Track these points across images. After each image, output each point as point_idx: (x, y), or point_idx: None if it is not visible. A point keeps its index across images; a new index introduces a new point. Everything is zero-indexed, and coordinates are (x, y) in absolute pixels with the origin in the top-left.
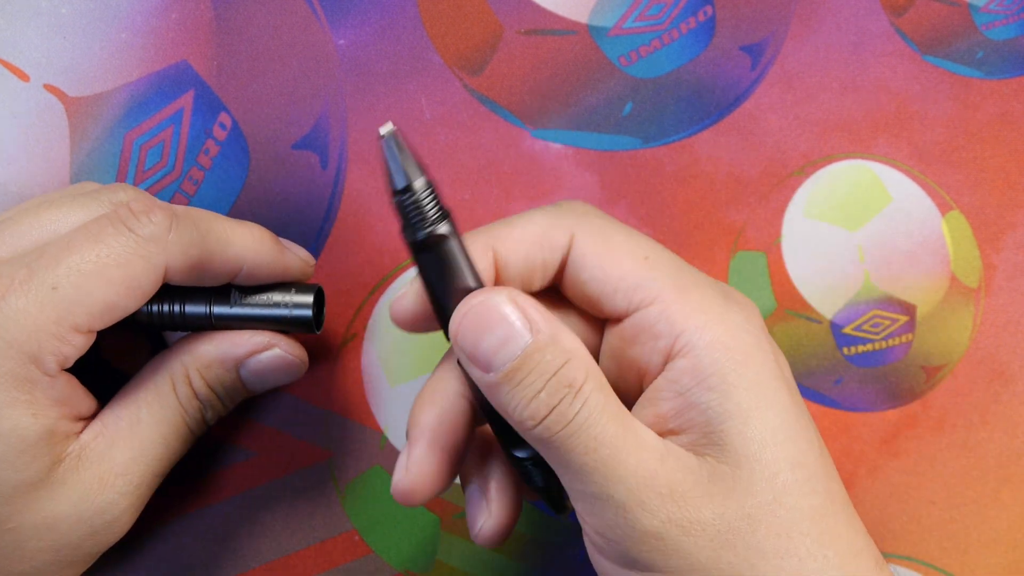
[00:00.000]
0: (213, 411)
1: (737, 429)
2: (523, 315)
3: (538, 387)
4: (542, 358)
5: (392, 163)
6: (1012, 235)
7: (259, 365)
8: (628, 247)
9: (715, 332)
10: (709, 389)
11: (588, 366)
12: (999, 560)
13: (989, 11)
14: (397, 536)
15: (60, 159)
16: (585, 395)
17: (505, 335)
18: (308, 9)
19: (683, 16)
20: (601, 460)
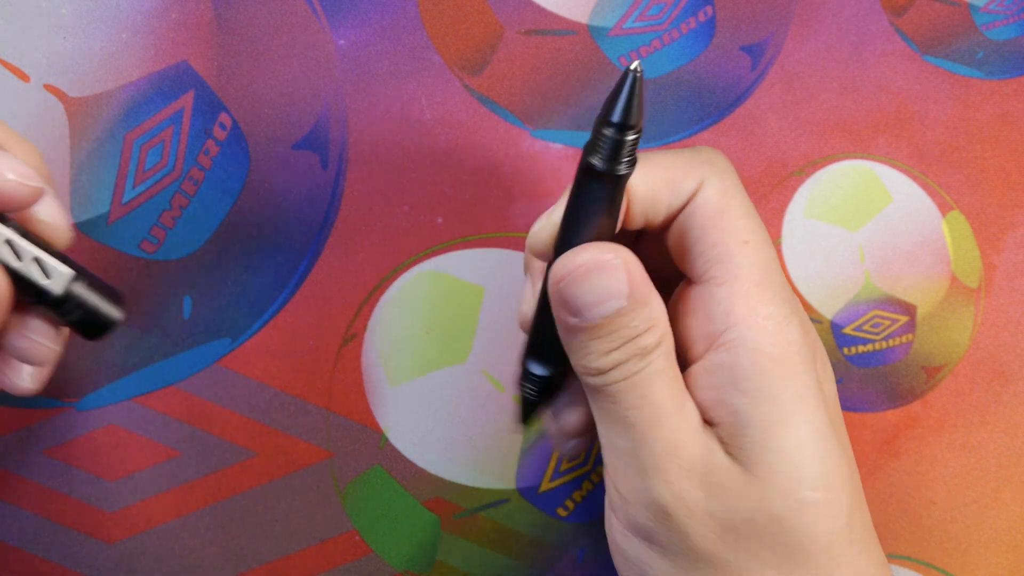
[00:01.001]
0: None
1: (760, 438)
2: (627, 277)
3: (615, 345)
4: (630, 322)
5: (627, 98)
6: (1012, 235)
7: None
8: (738, 222)
9: (765, 338)
10: (742, 392)
11: (664, 333)
12: (999, 560)
13: (989, 11)
14: (397, 536)
15: (60, 159)
16: (651, 359)
17: (605, 292)
18: (308, 9)
19: (683, 16)
20: (641, 419)
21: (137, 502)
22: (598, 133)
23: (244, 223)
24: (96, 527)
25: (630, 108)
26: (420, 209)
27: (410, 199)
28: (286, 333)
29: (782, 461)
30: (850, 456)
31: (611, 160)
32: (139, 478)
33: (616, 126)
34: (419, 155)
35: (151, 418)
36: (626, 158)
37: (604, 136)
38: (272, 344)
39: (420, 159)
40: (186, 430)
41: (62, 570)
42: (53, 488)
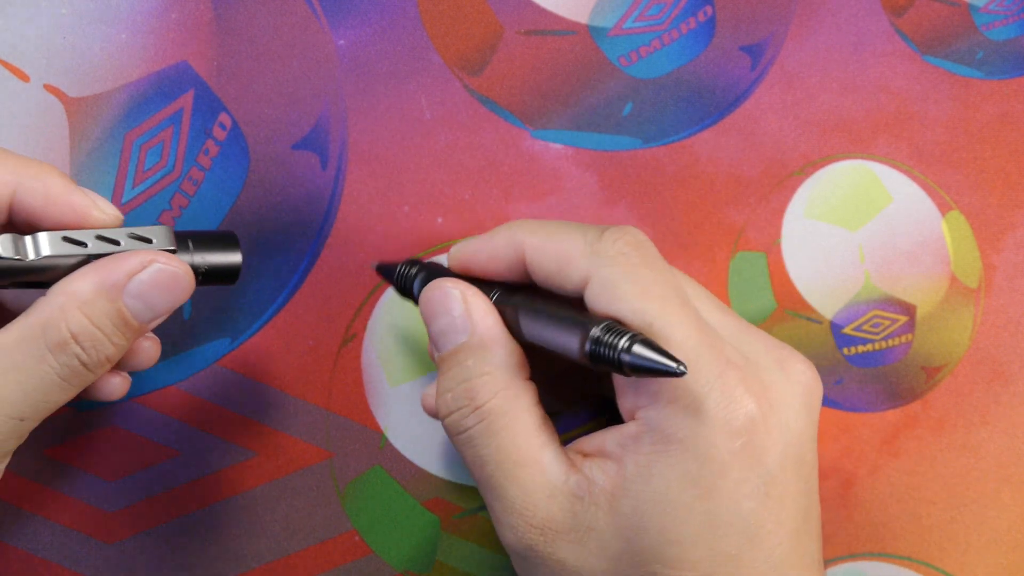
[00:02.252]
0: (98, 355)
1: (629, 509)
2: (468, 314)
3: (450, 386)
4: (464, 360)
5: (655, 368)
6: (1012, 235)
7: (141, 286)
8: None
9: (669, 421)
10: (634, 463)
11: (502, 388)
12: (999, 560)
13: (989, 11)
14: (397, 536)
15: (60, 159)
16: (482, 415)
17: (448, 325)
18: (308, 9)
19: (683, 16)
20: (486, 477)
21: (137, 502)
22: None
23: (244, 223)
24: (96, 527)
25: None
26: (420, 209)
27: (410, 199)
28: (286, 333)
29: (641, 536)
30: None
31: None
32: (139, 478)
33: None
34: (419, 155)
35: (151, 418)
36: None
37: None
38: (272, 344)
39: (420, 159)
40: (186, 430)
41: (62, 570)
42: (53, 488)
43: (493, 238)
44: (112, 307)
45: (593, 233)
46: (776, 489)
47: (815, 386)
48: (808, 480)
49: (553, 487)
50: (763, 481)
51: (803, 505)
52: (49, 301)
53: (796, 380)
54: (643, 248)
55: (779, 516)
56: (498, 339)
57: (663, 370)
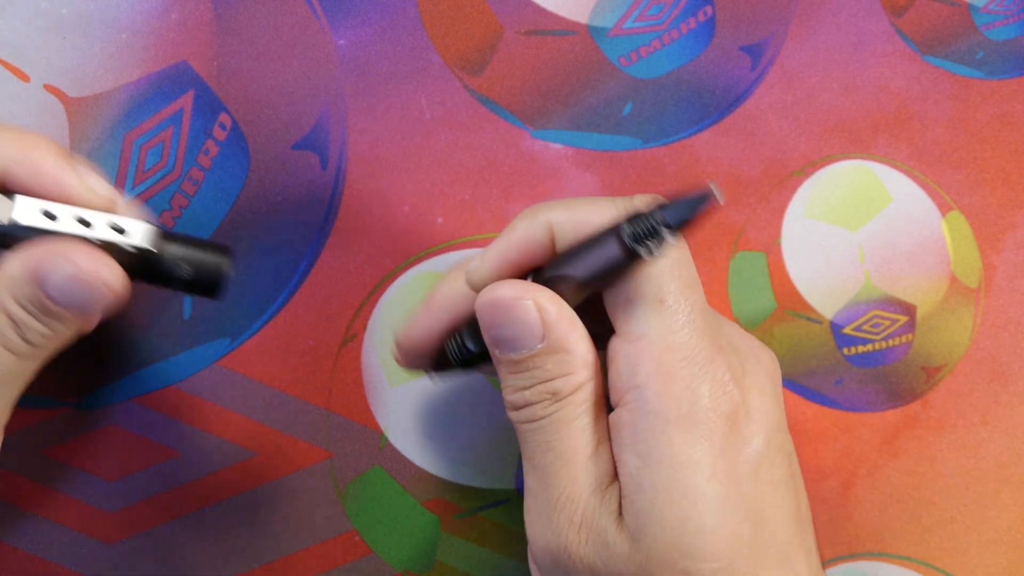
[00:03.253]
0: (34, 332)
1: (646, 506)
2: (543, 321)
3: (527, 384)
4: (543, 363)
5: (693, 207)
6: (1012, 235)
7: (59, 278)
8: (656, 279)
9: (665, 401)
10: (636, 455)
11: (582, 382)
12: (999, 560)
13: (989, 11)
14: (397, 536)
15: None
16: (562, 406)
17: (520, 333)
18: (308, 9)
19: (683, 16)
20: (545, 463)
21: (137, 502)
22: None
23: (244, 223)
24: (96, 527)
25: (685, 211)
26: (420, 209)
27: (410, 199)
28: (286, 333)
29: (665, 531)
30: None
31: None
32: (139, 478)
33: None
34: (419, 155)
35: (151, 418)
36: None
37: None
38: (272, 344)
39: (420, 159)
40: (186, 430)
41: (62, 570)
42: (53, 488)
43: (515, 232)
44: (35, 293)
45: (623, 200)
46: (765, 473)
47: (778, 376)
48: (791, 465)
49: (600, 484)
50: (753, 465)
51: (792, 489)
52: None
53: (766, 369)
54: None
55: (774, 499)
56: (575, 336)
57: (702, 203)
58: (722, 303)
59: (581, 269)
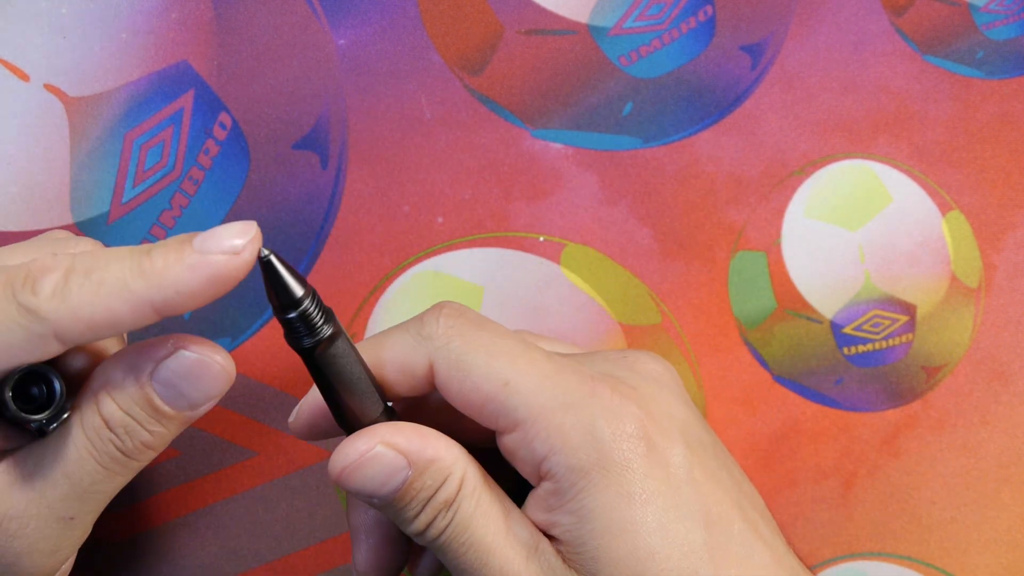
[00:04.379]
0: (133, 440)
1: (592, 553)
2: (400, 451)
3: (417, 510)
4: (421, 485)
5: (277, 282)
6: (1012, 235)
7: (168, 373)
8: (487, 372)
9: (574, 456)
10: (569, 513)
11: (462, 476)
12: (999, 560)
13: (989, 11)
14: None
15: (60, 159)
16: (456, 506)
17: (385, 476)
18: (308, 9)
19: (683, 16)
20: (471, 563)
21: (137, 502)
22: (282, 322)
23: None
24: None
25: (286, 288)
26: (420, 209)
27: (410, 199)
28: None
29: (619, 567)
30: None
31: (309, 333)
32: (139, 478)
33: (287, 307)
34: (419, 155)
35: None
36: (319, 319)
37: (287, 321)
38: (272, 344)
39: (420, 159)
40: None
41: None
42: None
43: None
44: (140, 393)
45: (413, 324)
46: (699, 473)
47: (672, 377)
48: (719, 456)
49: (528, 549)
50: (685, 469)
51: (728, 483)
52: (87, 385)
53: (652, 376)
54: (466, 314)
55: (715, 496)
56: (434, 443)
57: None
58: (722, 303)
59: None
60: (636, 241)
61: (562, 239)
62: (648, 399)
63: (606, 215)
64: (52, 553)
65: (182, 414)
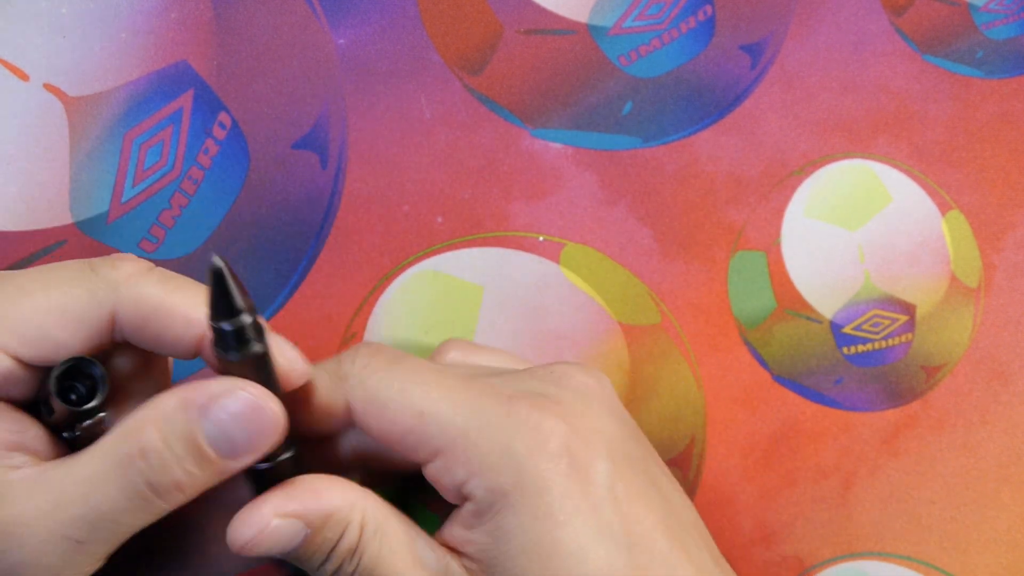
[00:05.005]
0: (164, 477)
1: (509, 574)
2: (295, 515)
3: (320, 560)
4: (322, 539)
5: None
6: (1012, 235)
7: (222, 412)
8: (402, 404)
9: (492, 478)
10: (486, 533)
11: (362, 519)
12: (999, 560)
13: (989, 11)
14: None
15: (60, 158)
16: (361, 551)
17: (284, 541)
18: (308, 9)
19: (683, 15)
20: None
21: None
22: (213, 329)
23: (244, 223)
24: None
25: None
26: (420, 209)
27: (410, 199)
28: (286, 332)
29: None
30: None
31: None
32: None
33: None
34: (419, 155)
35: None
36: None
37: (218, 331)
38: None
39: (420, 159)
40: None
41: None
42: None
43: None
44: (187, 428)
45: (330, 363)
46: (622, 491)
47: (603, 389)
48: (648, 470)
49: (436, 573)
50: (607, 487)
51: (657, 495)
52: (136, 412)
53: (578, 390)
54: (381, 351)
55: (639, 514)
56: (328, 494)
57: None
58: (722, 303)
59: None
60: (636, 241)
61: (561, 239)
62: (572, 414)
63: (606, 215)
64: (54, 573)
65: (221, 462)
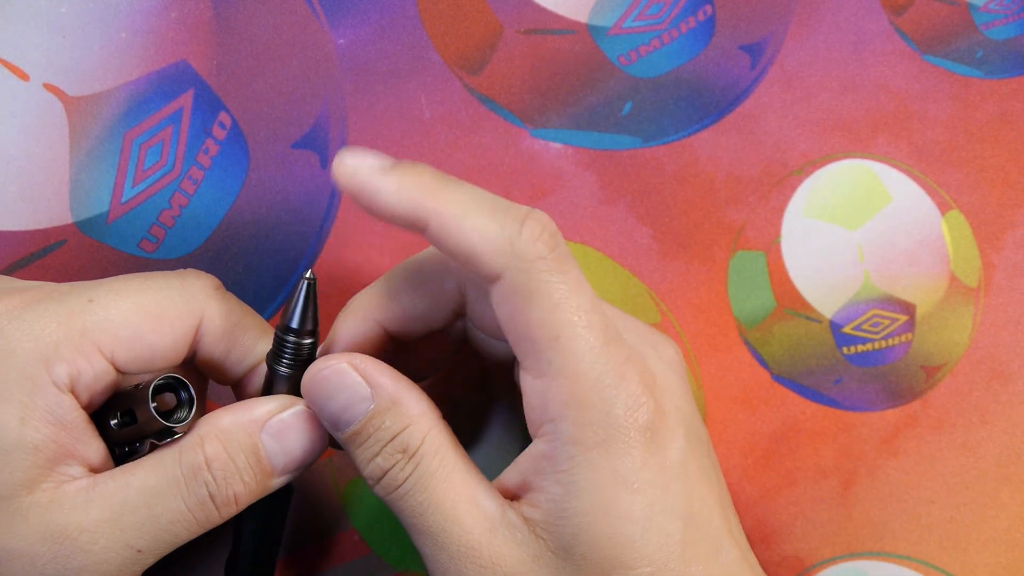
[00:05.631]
0: (226, 488)
1: (573, 529)
2: (367, 380)
3: (375, 451)
4: (381, 423)
5: (303, 307)
6: (1012, 235)
7: (281, 425)
8: (548, 318)
9: (583, 431)
10: (558, 483)
11: (428, 430)
12: (999, 560)
13: (989, 11)
14: (397, 536)
15: (60, 158)
16: (418, 460)
17: (348, 400)
18: (308, 9)
19: (683, 15)
20: (428, 525)
21: None
22: (279, 338)
23: (244, 222)
24: None
25: (307, 316)
26: None
27: None
28: None
29: (594, 549)
30: (690, 511)
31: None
32: None
33: (295, 331)
34: (419, 155)
35: None
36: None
37: (284, 342)
38: None
39: (420, 159)
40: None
41: None
42: None
43: (397, 187)
44: (248, 441)
45: (511, 225)
46: (691, 467)
47: (684, 366)
48: (711, 456)
49: (493, 521)
50: (681, 464)
51: (715, 480)
52: (193, 429)
53: (671, 364)
54: (558, 247)
55: (701, 492)
56: (405, 389)
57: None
58: (722, 302)
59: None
60: (635, 241)
61: None
62: (663, 390)
63: (605, 215)
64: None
65: (271, 476)
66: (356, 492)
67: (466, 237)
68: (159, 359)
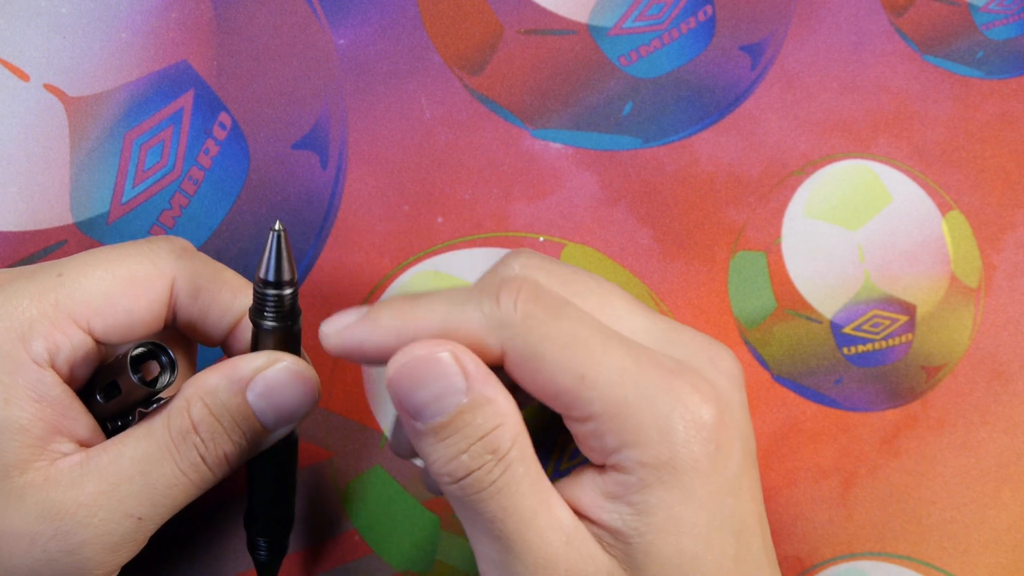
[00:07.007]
0: (216, 449)
1: (644, 548)
2: (463, 372)
3: (462, 448)
4: (473, 419)
5: (276, 258)
6: (1012, 235)
7: (266, 382)
8: (564, 366)
9: (647, 452)
10: (630, 504)
11: (517, 433)
12: (999, 560)
13: (989, 11)
14: (397, 536)
15: (60, 159)
16: (507, 463)
17: (441, 391)
18: (308, 9)
19: (683, 16)
20: (507, 531)
21: None
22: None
23: (244, 223)
24: None
25: (279, 266)
26: (420, 209)
27: (410, 199)
28: None
29: (664, 567)
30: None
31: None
32: None
33: (271, 284)
34: (419, 155)
35: None
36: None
37: (263, 296)
38: None
39: (420, 159)
40: None
41: None
42: None
43: (377, 326)
44: (234, 400)
45: (488, 302)
46: (744, 482)
47: (742, 378)
48: (756, 468)
49: (569, 534)
50: (736, 479)
51: (759, 494)
52: (179, 393)
53: (730, 375)
54: (543, 298)
55: (750, 508)
56: (498, 390)
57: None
58: (722, 303)
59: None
60: (636, 241)
61: (562, 239)
62: (722, 400)
63: (606, 215)
64: (114, 550)
65: (263, 432)
66: (356, 492)
67: (456, 336)
68: (138, 325)
